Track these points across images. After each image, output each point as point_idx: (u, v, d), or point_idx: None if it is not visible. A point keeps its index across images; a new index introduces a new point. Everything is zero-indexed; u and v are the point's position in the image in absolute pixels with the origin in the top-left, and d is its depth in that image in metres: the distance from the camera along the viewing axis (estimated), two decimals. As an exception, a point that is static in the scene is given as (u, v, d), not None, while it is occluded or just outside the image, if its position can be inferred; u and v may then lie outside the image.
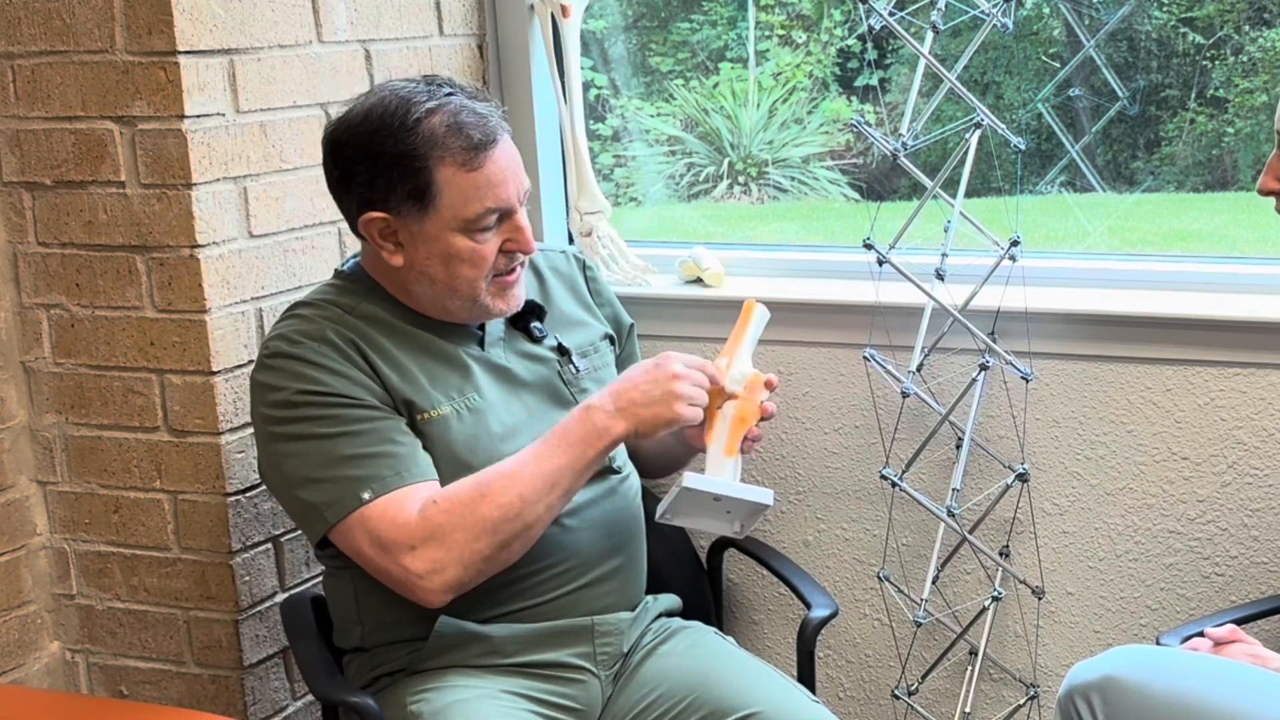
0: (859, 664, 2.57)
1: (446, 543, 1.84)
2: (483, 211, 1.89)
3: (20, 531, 2.33)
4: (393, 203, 1.89)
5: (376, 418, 1.89)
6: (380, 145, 1.88)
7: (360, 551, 1.88)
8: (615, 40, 3.23)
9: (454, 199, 1.88)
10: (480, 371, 1.99)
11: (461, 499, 1.85)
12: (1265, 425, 2.25)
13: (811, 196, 3.31)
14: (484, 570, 1.87)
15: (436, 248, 1.91)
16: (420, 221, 1.89)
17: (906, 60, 2.90)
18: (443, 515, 1.84)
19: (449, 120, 1.88)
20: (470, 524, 1.84)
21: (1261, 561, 2.29)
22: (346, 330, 1.93)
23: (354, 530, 1.86)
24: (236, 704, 2.28)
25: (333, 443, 1.87)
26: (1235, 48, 2.69)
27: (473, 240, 1.90)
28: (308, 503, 1.89)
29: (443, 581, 1.85)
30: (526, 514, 1.85)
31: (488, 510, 1.84)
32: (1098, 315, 2.32)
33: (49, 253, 2.25)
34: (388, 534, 1.84)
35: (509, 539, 1.86)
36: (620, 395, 1.89)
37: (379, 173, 1.89)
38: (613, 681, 2.03)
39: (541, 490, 1.86)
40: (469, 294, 1.94)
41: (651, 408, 1.88)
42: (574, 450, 1.87)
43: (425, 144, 1.87)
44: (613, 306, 2.23)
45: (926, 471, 2.45)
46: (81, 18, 2.12)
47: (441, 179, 1.87)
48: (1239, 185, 2.82)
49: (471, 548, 1.84)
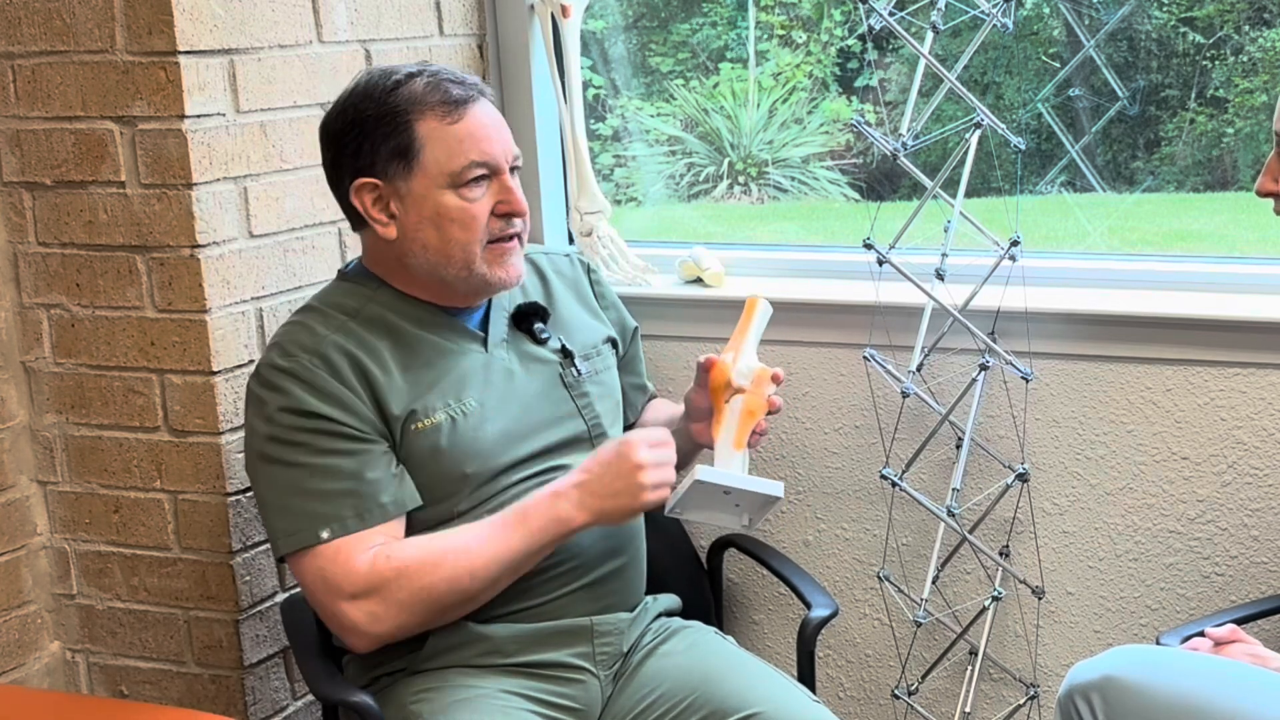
0: (859, 664, 2.57)
1: (388, 600, 1.86)
2: (467, 164, 1.90)
3: (20, 531, 2.33)
4: (379, 164, 1.91)
5: (352, 450, 1.90)
6: (364, 110, 1.92)
7: (305, 586, 1.92)
8: (615, 41, 3.23)
9: (438, 153, 1.90)
10: (481, 374, 1.99)
11: (411, 564, 1.87)
12: (1265, 425, 2.25)
13: (811, 196, 3.31)
14: (416, 630, 1.91)
15: (426, 208, 1.91)
16: (408, 180, 1.91)
17: (906, 60, 2.90)
18: (391, 573, 1.86)
19: (429, 80, 1.93)
20: (415, 589, 1.86)
21: (1261, 561, 2.29)
22: (348, 341, 1.93)
23: (305, 565, 1.89)
24: (237, 704, 2.28)
25: (302, 471, 1.89)
26: (1235, 48, 2.70)
27: (461, 198, 1.91)
28: (270, 526, 1.93)
29: (374, 634, 1.88)
30: (472, 589, 1.89)
31: (435, 581, 1.87)
32: (1098, 315, 2.32)
33: (49, 253, 2.25)
34: (334, 578, 1.87)
35: (450, 608, 1.90)
36: (584, 487, 1.89)
37: (364, 136, 1.91)
38: (613, 681, 2.03)
39: (493, 570, 1.88)
40: (463, 259, 1.93)
41: (616, 499, 1.89)
42: (532, 537, 1.89)
43: (406, 102, 1.91)
44: (617, 310, 2.23)
45: (926, 471, 2.45)
46: (82, 18, 2.12)
47: (423, 132, 1.90)
48: (1239, 185, 2.82)
49: (410, 609, 1.87)
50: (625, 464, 1.88)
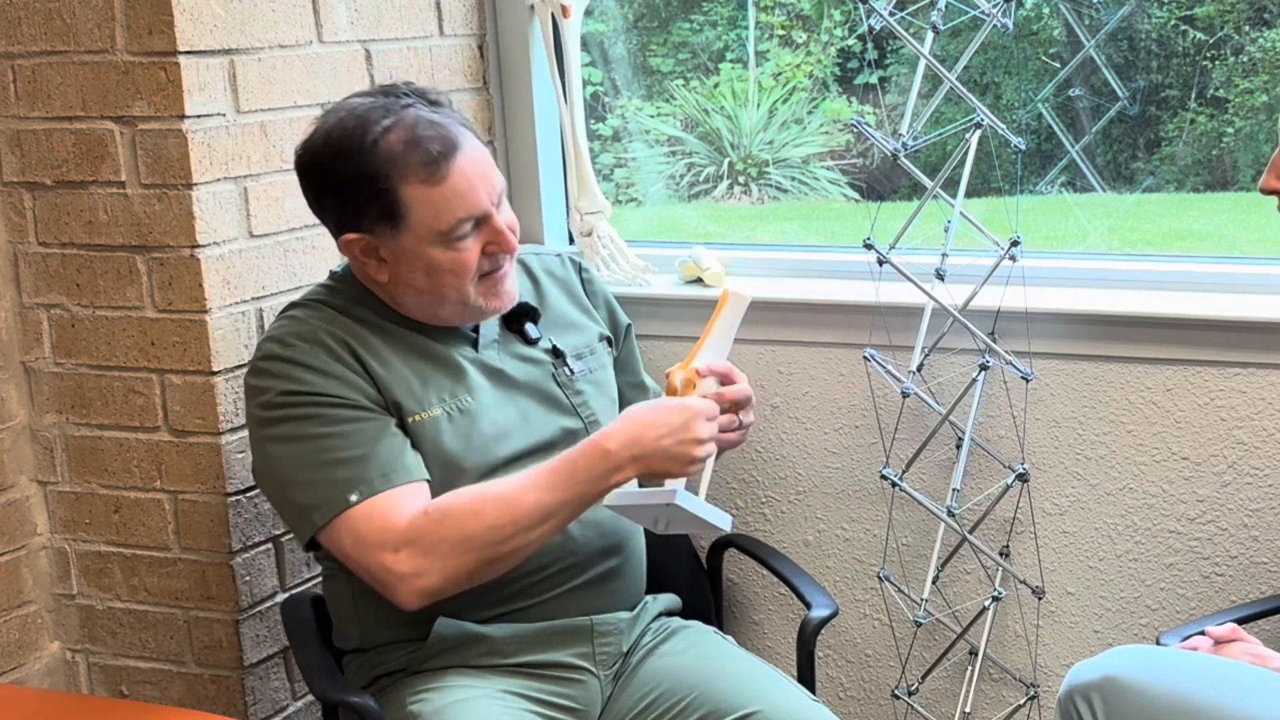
0: (859, 664, 2.57)
1: (432, 553, 1.83)
2: (455, 223, 1.88)
3: (20, 531, 2.33)
4: (366, 224, 1.89)
5: (364, 418, 1.89)
6: (343, 170, 1.87)
7: (344, 552, 1.88)
8: (616, 41, 3.23)
9: (424, 214, 1.87)
10: (474, 373, 1.99)
11: (454, 512, 1.84)
12: (1265, 425, 2.25)
13: (811, 196, 3.31)
14: (464, 584, 1.87)
15: (418, 262, 1.90)
16: (396, 239, 1.89)
17: (906, 60, 2.90)
18: (432, 525, 1.84)
19: (406, 136, 1.86)
20: (459, 539, 1.83)
21: (1261, 561, 2.29)
22: (339, 330, 1.93)
23: (340, 532, 1.86)
24: (237, 704, 2.28)
25: (320, 444, 1.87)
26: (1235, 48, 2.69)
27: (452, 250, 1.89)
28: (297, 504, 1.90)
29: (423, 586, 1.84)
30: (517, 539, 1.84)
31: (479, 529, 1.83)
32: (1098, 315, 2.32)
33: (49, 253, 2.25)
34: (372, 535, 1.84)
35: (496, 559, 1.85)
36: (639, 443, 1.83)
37: (347, 198, 1.89)
38: (612, 681, 2.03)
39: (537, 520, 1.84)
40: (458, 300, 1.94)
41: (665, 464, 1.84)
42: (579, 488, 1.84)
43: (386, 164, 1.85)
44: (610, 308, 2.23)
45: (926, 471, 2.45)
46: (82, 18, 2.12)
47: (408, 197, 1.86)
48: (1239, 185, 2.82)
49: (457, 561, 1.83)
50: (687, 434, 1.83)
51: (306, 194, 1.96)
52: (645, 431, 1.84)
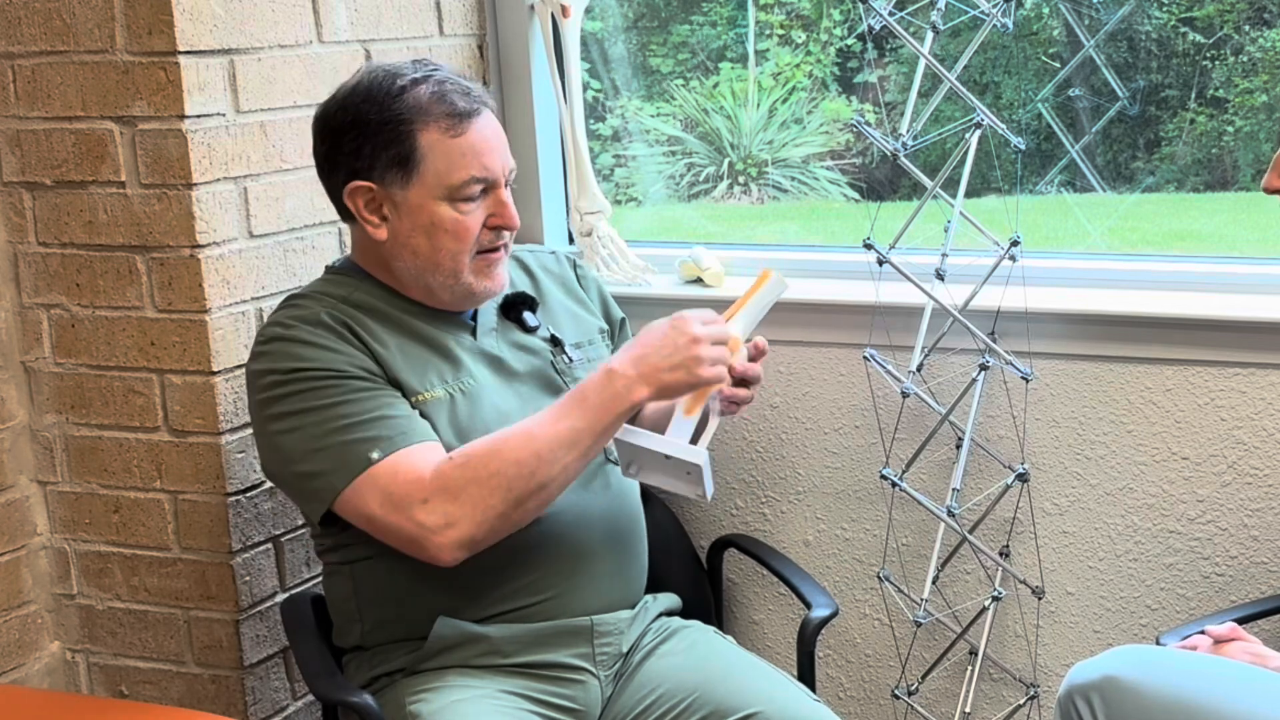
0: (859, 664, 2.57)
1: (460, 497, 1.81)
2: (467, 179, 1.90)
3: (20, 531, 2.33)
4: (378, 170, 1.91)
5: (374, 388, 1.89)
6: (366, 113, 1.91)
7: (369, 513, 1.85)
8: (615, 41, 3.23)
9: (438, 165, 1.90)
10: (473, 360, 2.00)
11: (476, 454, 1.83)
12: (1265, 425, 2.25)
13: (811, 196, 3.31)
14: (497, 528, 1.84)
15: (420, 218, 1.91)
16: (404, 189, 1.91)
17: (906, 60, 2.90)
18: (456, 470, 1.82)
19: (434, 89, 1.91)
20: (485, 479, 1.81)
21: (1261, 561, 2.29)
22: (340, 314, 1.94)
23: (363, 492, 1.84)
24: (237, 704, 2.28)
25: (332, 412, 1.87)
26: (1235, 48, 2.69)
27: (456, 210, 1.91)
28: (313, 473, 1.87)
29: (456, 536, 1.82)
30: (541, 472, 1.82)
31: (502, 464, 1.81)
32: (1098, 315, 2.32)
33: (49, 253, 2.25)
34: (399, 490, 1.83)
35: (524, 496, 1.82)
36: (641, 361, 1.84)
37: (364, 139, 1.90)
38: (613, 681, 2.03)
39: (558, 450, 1.83)
40: (451, 268, 1.94)
41: (674, 372, 1.84)
42: (592, 414, 1.84)
43: (410, 110, 1.89)
44: (604, 301, 2.23)
45: (926, 471, 2.45)
46: (82, 18, 2.12)
47: (425, 144, 1.89)
48: (1239, 185, 2.82)
49: (486, 503, 1.81)
50: (681, 337, 1.84)
51: (319, 148, 1.97)
52: (644, 348, 1.85)
